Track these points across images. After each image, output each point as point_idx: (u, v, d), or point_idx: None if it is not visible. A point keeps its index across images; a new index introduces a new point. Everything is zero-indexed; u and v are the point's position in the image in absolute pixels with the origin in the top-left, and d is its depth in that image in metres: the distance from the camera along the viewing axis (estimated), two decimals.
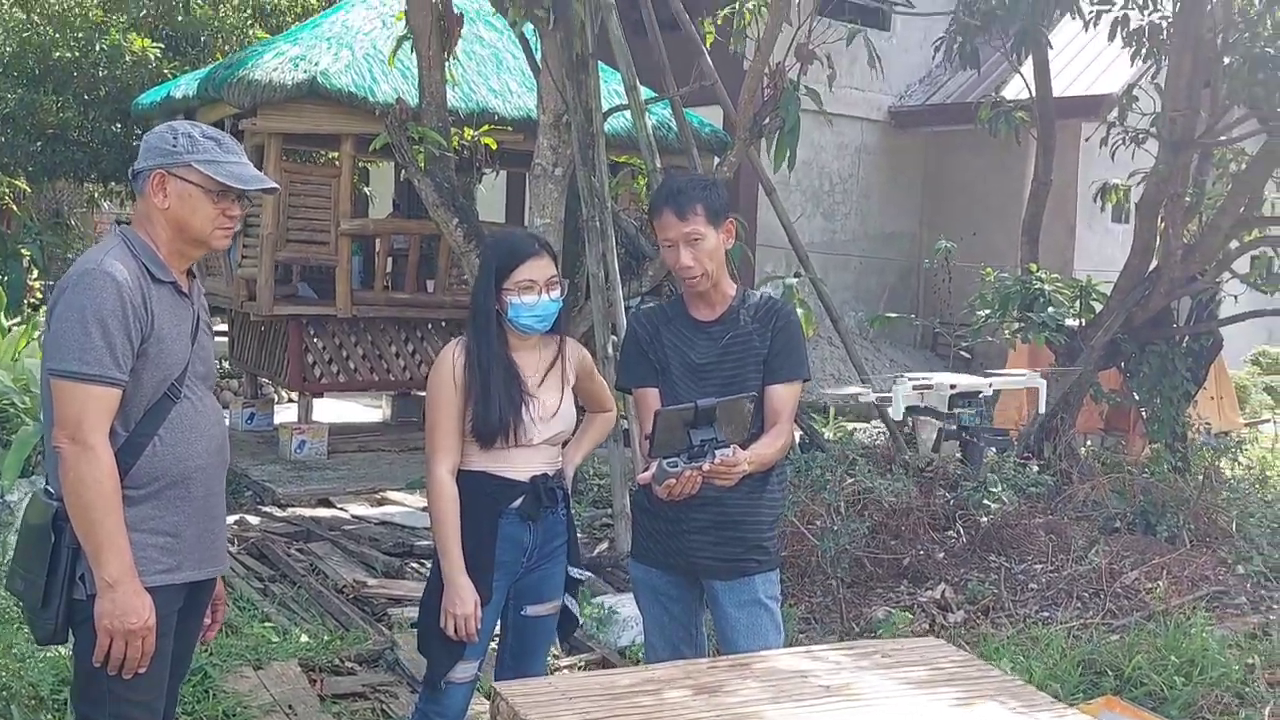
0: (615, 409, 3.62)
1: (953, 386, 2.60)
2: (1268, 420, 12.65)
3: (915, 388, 2.62)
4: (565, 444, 3.34)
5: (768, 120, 6.27)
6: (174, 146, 2.58)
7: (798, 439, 7.63)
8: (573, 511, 3.42)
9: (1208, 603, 5.55)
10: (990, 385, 2.75)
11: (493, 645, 3.34)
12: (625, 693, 2.25)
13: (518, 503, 3.14)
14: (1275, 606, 5.65)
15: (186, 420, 2.60)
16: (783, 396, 3.21)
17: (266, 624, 4.82)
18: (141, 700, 2.55)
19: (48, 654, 4.04)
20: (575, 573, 3.33)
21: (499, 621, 3.25)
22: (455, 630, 3.02)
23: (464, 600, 3.02)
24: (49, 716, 3.70)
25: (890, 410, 2.65)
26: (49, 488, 2.57)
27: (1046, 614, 5.47)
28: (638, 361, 3.29)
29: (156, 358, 2.54)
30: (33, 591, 2.52)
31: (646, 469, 2.96)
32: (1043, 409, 2.78)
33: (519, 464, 3.15)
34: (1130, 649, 4.51)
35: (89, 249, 2.69)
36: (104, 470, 2.43)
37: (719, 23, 6.98)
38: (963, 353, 12.42)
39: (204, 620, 2.85)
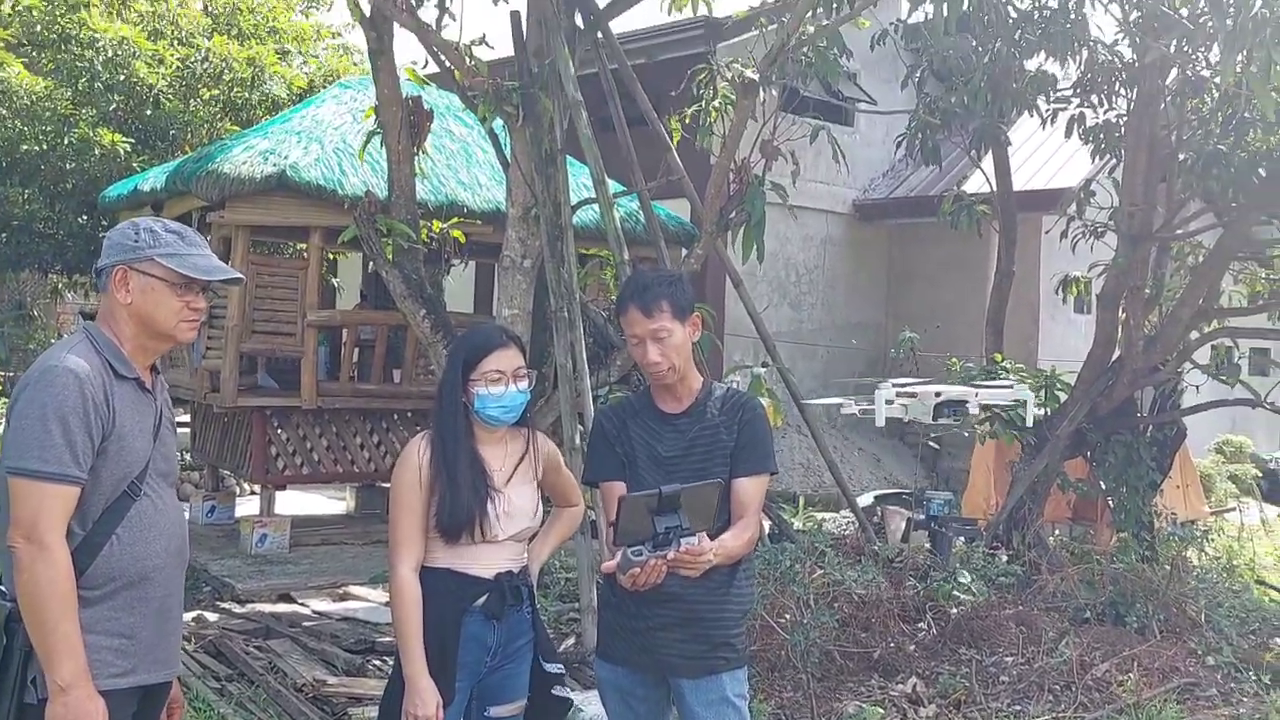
0: (583, 503, 3.59)
1: (938, 395, 2.59)
2: (1233, 509, 12.73)
3: (900, 394, 2.61)
4: (531, 539, 3.30)
5: (734, 214, 6.35)
6: (136, 242, 2.59)
7: (767, 529, 7.59)
8: (539, 606, 3.36)
9: (1179, 695, 5.52)
10: (977, 395, 2.74)
11: None
12: None
13: (482, 601, 3.10)
14: (1245, 699, 5.62)
15: (146, 519, 2.56)
16: (749, 490, 3.19)
17: None
18: None
19: None
20: (551, 668, 3.25)
21: None
22: None
23: (425, 702, 2.95)
24: None
25: (875, 419, 2.64)
26: (2, 588, 2.51)
27: (1019, 708, 5.42)
28: (604, 455, 3.27)
29: (117, 455, 2.51)
30: None
31: (612, 559, 2.92)
32: (1029, 422, 2.76)
33: (484, 561, 3.11)
34: None
35: (53, 345, 2.67)
36: (60, 571, 2.38)
37: (685, 120, 7.09)
38: (930, 443, 12.48)
39: None
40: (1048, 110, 9.19)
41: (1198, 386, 9.11)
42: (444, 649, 3.03)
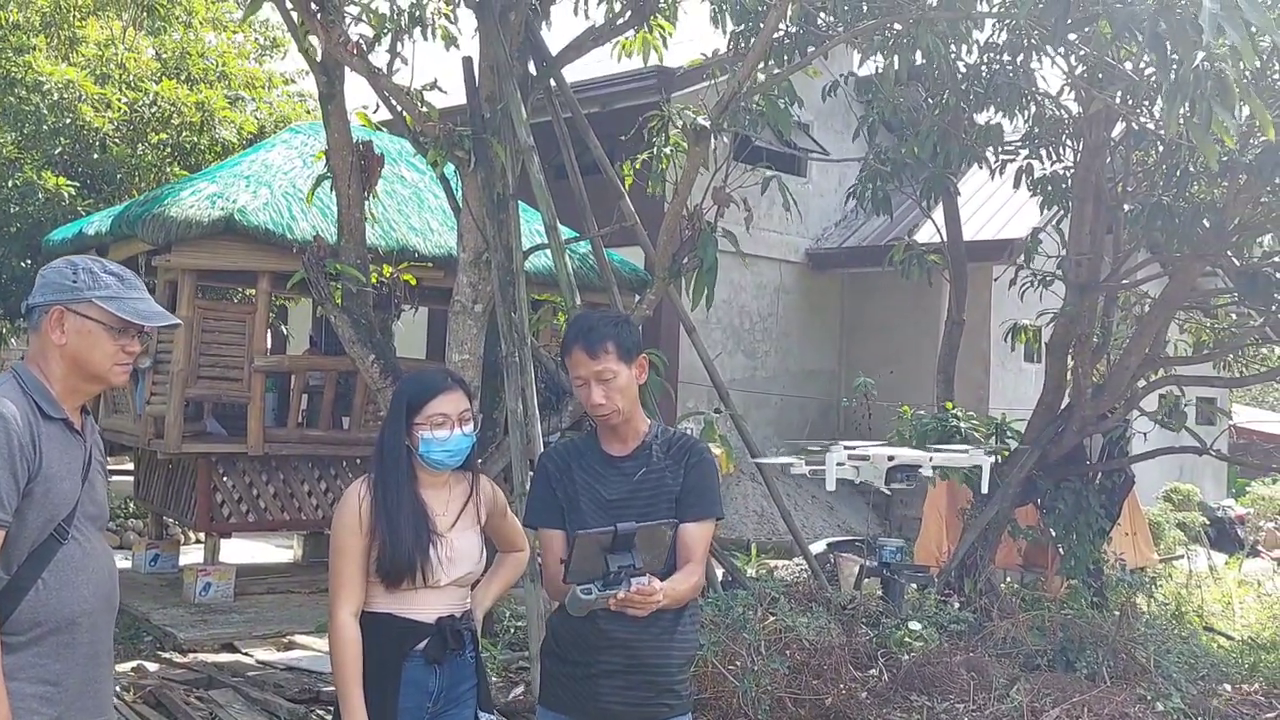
0: (528, 549, 3.54)
1: (890, 459, 2.58)
2: (1181, 556, 12.86)
3: (851, 458, 2.60)
4: (475, 585, 3.25)
5: (686, 260, 6.37)
6: (74, 282, 2.53)
7: (720, 576, 7.55)
8: (485, 653, 3.30)
9: None
10: (930, 459, 2.72)
11: None
12: None
13: (423, 645, 3.04)
14: None
15: (73, 563, 2.49)
16: (695, 535, 3.16)
17: None
18: None
19: None
20: (485, 717, 3.19)
21: None
22: None
23: None
24: None
25: (825, 481, 2.62)
26: None
27: None
28: (545, 500, 3.22)
29: (43, 498, 2.44)
30: None
31: (553, 612, 2.88)
32: (984, 489, 2.75)
33: (426, 605, 3.06)
34: None
35: None
36: None
37: (637, 166, 7.13)
38: (883, 489, 12.53)
39: None
40: (997, 162, 9.35)
41: (1144, 434, 9.23)
42: (384, 694, 2.98)
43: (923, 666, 6.37)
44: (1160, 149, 8.31)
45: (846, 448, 2.74)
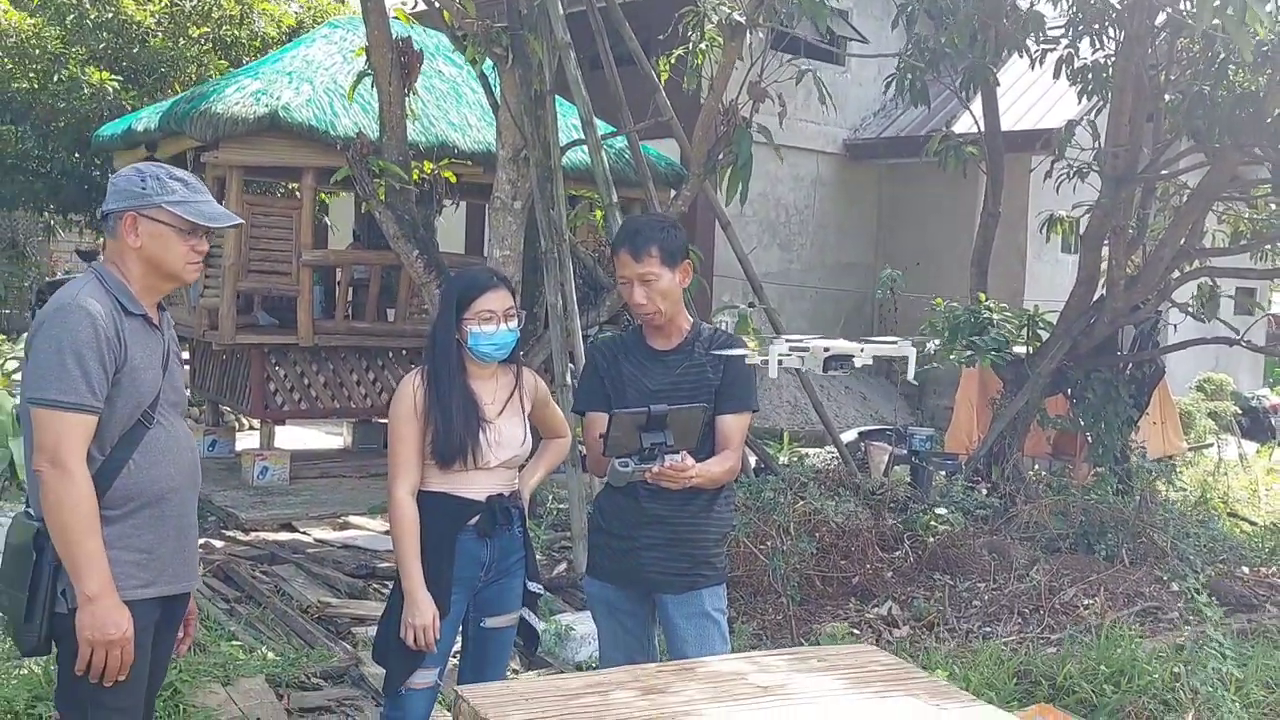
0: (570, 435, 3.78)
1: (826, 350, 2.83)
2: (1211, 444, 13.00)
3: (791, 349, 2.84)
4: (522, 467, 3.50)
5: (721, 156, 6.48)
6: (144, 189, 2.73)
7: (753, 464, 7.83)
8: (531, 534, 3.57)
9: (1141, 617, 5.79)
10: (862, 350, 2.97)
11: (454, 661, 3.49)
12: (576, 693, 2.41)
13: (475, 521, 3.30)
14: (1205, 623, 5.86)
15: (159, 444, 2.74)
16: (732, 426, 3.39)
17: (234, 642, 4.93)
18: (121, 707, 2.68)
19: (21, 672, 4.14)
20: (533, 586, 3.48)
21: (459, 634, 3.40)
22: (414, 640, 3.17)
23: (423, 612, 3.17)
24: None
25: (767, 370, 2.81)
26: (29, 510, 2.71)
27: (988, 629, 5.68)
28: (592, 389, 3.47)
29: (129, 386, 2.68)
30: (16, 607, 2.65)
31: (600, 491, 3.13)
32: (910, 377, 2.91)
33: (476, 485, 3.31)
34: (1064, 660, 4.72)
35: (66, 285, 2.82)
36: (81, 492, 2.57)
37: (672, 61, 7.19)
38: (909, 380, 12.71)
39: (178, 635, 2.98)
40: (1037, 51, 9.24)
41: (1175, 325, 9.30)
42: (440, 565, 3.25)
43: (947, 548, 6.65)
44: (1201, 38, 8.20)
45: (788, 340, 3.02)
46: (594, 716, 2.25)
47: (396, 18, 7.18)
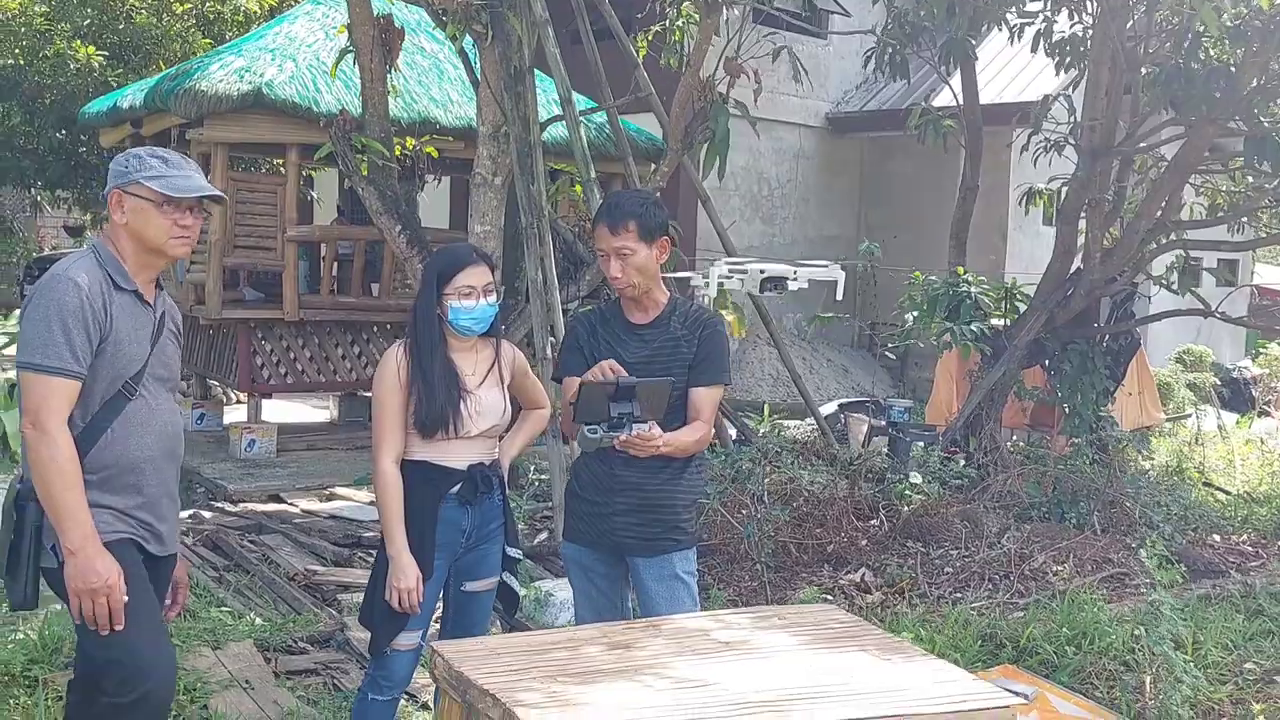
0: (549, 406, 3.91)
1: (762, 271, 3.04)
2: (1189, 415, 13.17)
3: (730, 270, 3.03)
4: (501, 437, 3.63)
5: (699, 131, 6.57)
6: (126, 168, 2.90)
7: (733, 435, 7.96)
8: (512, 503, 3.71)
9: (1109, 583, 5.95)
10: (795, 273, 3.17)
11: (436, 625, 3.62)
12: (545, 648, 2.54)
13: (456, 489, 3.43)
14: (1169, 589, 6.02)
15: (139, 417, 2.88)
16: (704, 397, 3.53)
17: (223, 609, 5.07)
18: (148, 634, 2.84)
19: (18, 636, 4.27)
20: (512, 552, 3.62)
21: (441, 598, 3.54)
22: (399, 602, 3.30)
23: (407, 575, 3.30)
24: (20, 692, 3.93)
25: (706, 291, 2.96)
26: (24, 475, 2.84)
27: (959, 595, 5.83)
28: (572, 356, 3.59)
29: (113, 357, 2.82)
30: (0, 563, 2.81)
31: (576, 458, 3.26)
32: (839, 295, 3.05)
33: (457, 454, 3.44)
34: (1028, 624, 4.87)
35: (64, 258, 2.96)
36: (62, 452, 2.72)
37: (650, 38, 7.27)
38: (888, 353, 12.85)
39: (165, 601, 3.11)
40: (1015, 24, 9.32)
41: (1149, 297, 9.44)
42: (423, 530, 3.38)
43: (921, 517, 6.81)
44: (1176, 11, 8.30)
45: (728, 263, 3.20)
46: (561, 668, 2.38)
47: None
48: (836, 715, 2.22)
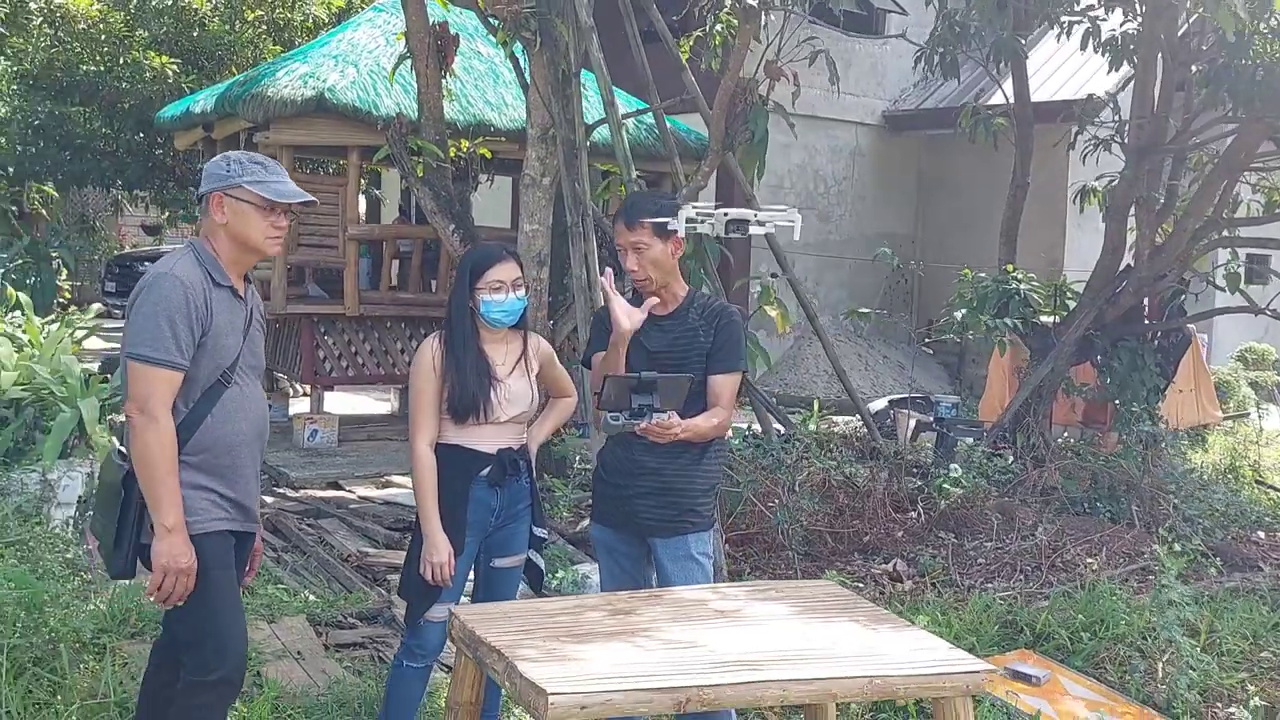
0: (575, 395, 4.14)
1: (725, 214, 3.27)
2: (1248, 413, 13.04)
3: (700, 214, 3.26)
4: (531, 424, 3.87)
5: (739, 133, 6.75)
6: (228, 172, 3.13)
7: (778, 429, 8.14)
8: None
9: (1138, 575, 6.03)
10: (756, 215, 3.38)
11: (467, 600, 3.88)
12: (553, 613, 2.78)
13: (486, 471, 3.68)
14: (1200, 582, 6.09)
15: (234, 403, 3.16)
16: (722, 384, 3.74)
17: (279, 586, 5.40)
18: (230, 617, 3.13)
19: (89, 607, 4.61)
20: (538, 531, 3.86)
21: (471, 574, 3.79)
22: (432, 576, 3.55)
23: (439, 550, 3.56)
24: (90, 657, 4.26)
25: (671, 225, 3.18)
26: (121, 449, 3.16)
27: (990, 585, 5.96)
28: (600, 338, 3.82)
29: (213, 350, 3.10)
30: (107, 536, 3.12)
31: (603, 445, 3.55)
32: (797, 237, 3.21)
33: (487, 439, 3.69)
34: (1049, 611, 5.01)
35: (165, 256, 3.25)
36: (165, 437, 2.98)
37: (691, 44, 7.47)
38: (925, 349, 12.91)
39: (245, 569, 3.43)
40: (1065, 22, 9.34)
41: (1196, 295, 9.43)
42: (455, 509, 3.63)
43: (957, 510, 6.94)
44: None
45: (695, 206, 3.44)
46: (565, 629, 2.61)
47: (434, 2, 7.54)
48: (810, 674, 2.42)
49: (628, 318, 3.57)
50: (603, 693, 2.28)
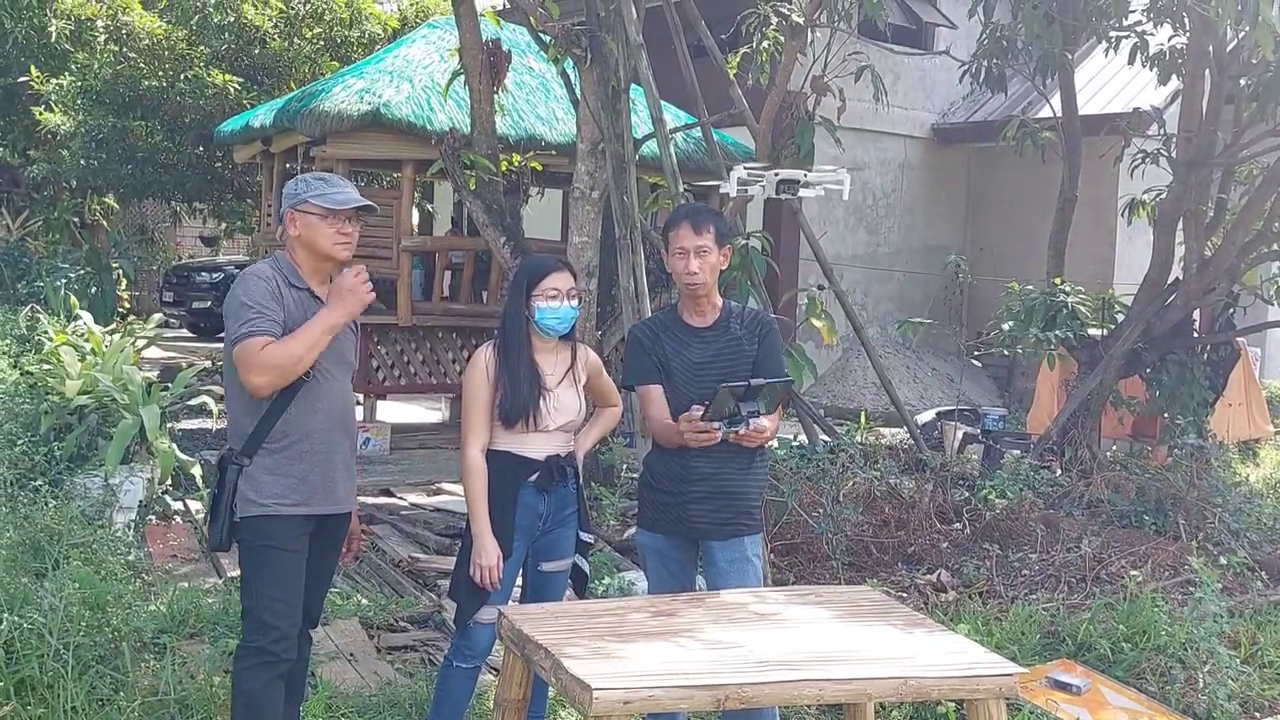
0: (621, 404, 4.26)
1: (776, 174, 3.43)
2: None
3: (751, 175, 3.43)
4: (577, 432, 3.99)
5: (785, 147, 6.86)
6: (296, 192, 3.49)
7: (824, 440, 8.20)
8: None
9: (1183, 587, 6.02)
10: (804, 176, 3.54)
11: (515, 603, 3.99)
12: (598, 614, 2.89)
13: (534, 477, 3.80)
14: (1245, 595, 6.07)
15: (314, 394, 3.44)
16: None
17: (333, 589, 5.52)
18: (281, 596, 3.41)
19: (150, 608, 4.78)
20: (584, 536, 3.98)
21: (520, 577, 3.91)
22: (481, 579, 3.67)
23: (489, 553, 3.68)
24: (151, 656, 4.43)
25: (724, 188, 3.28)
26: (230, 444, 3.47)
27: (1034, 596, 5.98)
28: (642, 361, 3.92)
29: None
30: (207, 509, 3.47)
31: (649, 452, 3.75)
32: (846, 196, 3.29)
33: (536, 446, 3.81)
34: (1091, 622, 5.03)
35: (249, 265, 3.63)
36: (286, 355, 3.28)
37: (739, 59, 7.59)
38: (974, 361, 12.87)
39: (341, 549, 3.70)
40: (1113, 37, 9.33)
41: (1245, 308, 9.37)
42: (504, 514, 3.76)
43: (1003, 521, 6.95)
44: None
45: (746, 167, 3.57)
46: (608, 628, 2.72)
47: (487, 19, 7.71)
48: (846, 674, 2.51)
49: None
50: (645, 689, 2.38)
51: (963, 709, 3.61)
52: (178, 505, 7.02)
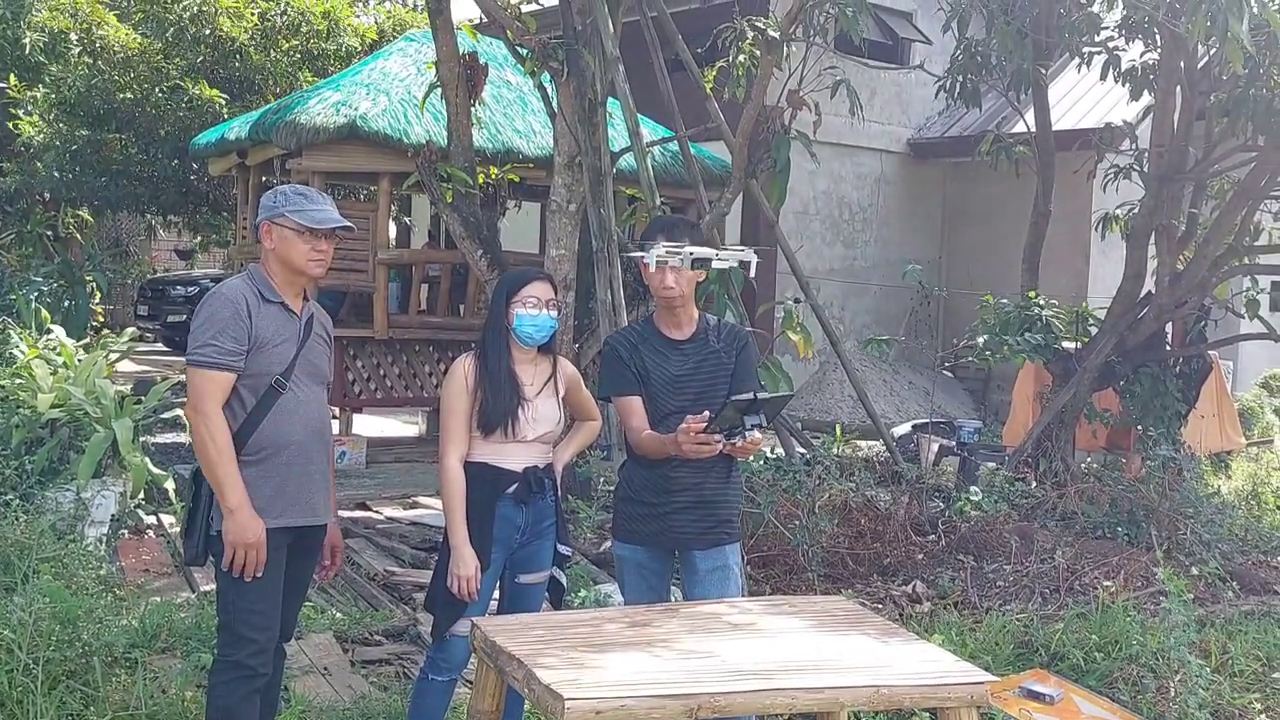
0: (600, 418, 4.26)
1: (691, 252, 3.49)
2: (1271, 440, 13.01)
3: (669, 251, 3.51)
4: (556, 444, 3.99)
5: (762, 160, 6.90)
6: (274, 204, 3.47)
7: (800, 452, 8.23)
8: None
9: (1155, 598, 6.07)
10: (717, 254, 3.62)
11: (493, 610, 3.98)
12: (571, 624, 2.89)
13: (512, 489, 3.80)
14: (1216, 605, 6.13)
15: (288, 407, 3.45)
16: None
17: (307, 604, 5.49)
18: (258, 609, 3.41)
19: (121, 623, 4.74)
20: (562, 549, 3.97)
21: (497, 589, 3.90)
22: (459, 590, 3.67)
23: (466, 564, 3.67)
24: (122, 671, 4.39)
25: (645, 259, 3.39)
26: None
27: (1007, 606, 6.01)
28: (620, 374, 3.93)
29: (257, 355, 3.42)
30: (181, 524, 3.45)
31: (622, 465, 3.73)
32: (753, 274, 3.39)
33: (514, 457, 3.81)
34: (1064, 632, 5.07)
35: (224, 279, 3.62)
36: (217, 430, 3.31)
37: (714, 74, 7.63)
38: (949, 374, 12.97)
39: (320, 562, 3.72)
40: (1086, 53, 9.44)
41: (1217, 321, 9.46)
42: (482, 525, 3.75)
43: (977, 533, 6.99)
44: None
45: (665, 244, 3.67)
46: (582, 639, 2.72)
47: (464, 32, 7.71)
48: (819, 683, 2.52)
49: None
50: (618, 698, 2.39)
51: (936, 717, 3.62)
52: (150, 520, 6.97)
